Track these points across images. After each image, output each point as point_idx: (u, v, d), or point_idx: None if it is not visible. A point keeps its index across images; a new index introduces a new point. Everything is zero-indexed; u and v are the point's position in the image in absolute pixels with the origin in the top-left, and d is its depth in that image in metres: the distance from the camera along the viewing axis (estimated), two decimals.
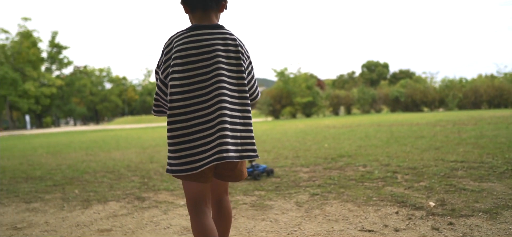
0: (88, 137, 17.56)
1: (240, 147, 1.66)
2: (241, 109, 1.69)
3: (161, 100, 1.74)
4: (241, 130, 1.68)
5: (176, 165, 1.63)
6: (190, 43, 1.65)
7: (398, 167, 4.61)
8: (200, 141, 1.61)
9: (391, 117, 20.87)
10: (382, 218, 2.73)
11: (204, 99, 1.62)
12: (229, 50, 1.67)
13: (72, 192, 4.23)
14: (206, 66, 1.63)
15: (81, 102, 71.92)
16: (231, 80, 1.67)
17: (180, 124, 1.62)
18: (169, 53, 1.67)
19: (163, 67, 1.68)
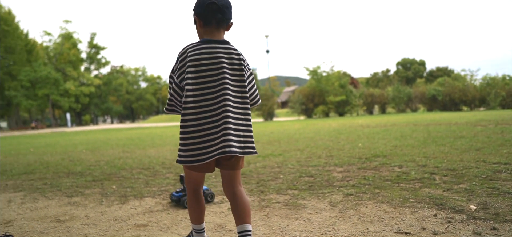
0: (124, 134, 18.09)
1: (243, 144, 1.99)
2: (243, 113, 2.02)
3: (175, 101, 2.04)
4: (243, 130, 2.01)
5: (186, 157, 1.97)
6: (202, 54, 1.98)
7: (436, 168, 4.46)
8: (207, 137, 1.94)
9: (428, 116, 20.23)
10: (420, 220, 2.65)
11: (212, 102, 1.95)
12: (233, 63, 2.02)
13: (110, 188, 4.37)
14: (214, 75, 1.97)
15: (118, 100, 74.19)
16: (235, 88, 2.00)
17: (191, 122, 1.95)
18: (183, 61, 1.99)
19: (178, 73, 2.00)
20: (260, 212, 3.07)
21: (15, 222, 3.17)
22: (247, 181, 4.35)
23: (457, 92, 32.82)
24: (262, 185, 4.06)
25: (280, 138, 10.34)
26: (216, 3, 1.99)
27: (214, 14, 2.00)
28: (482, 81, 33.57)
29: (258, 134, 12.38)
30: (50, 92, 50.43)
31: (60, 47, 56.84)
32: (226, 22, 2.05)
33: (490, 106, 30.84)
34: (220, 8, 2.00)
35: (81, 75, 58.72)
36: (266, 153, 6.79)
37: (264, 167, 5.28)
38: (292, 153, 6.70)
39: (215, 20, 2.01)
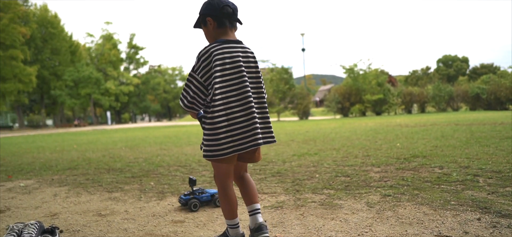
0: (161, 132, 18.54)
1: (264, 135, 2.21)
2: (262, 106, 2.24)
3: (197, 98, 2.16)
4: (263, 122, 2.22)
5: (217, 150, 2.11)
6: (225, 54, 2.13)
7: (480, 169, 4.27)
8: (238, 131, 2.11)
9: (471, 116, 19.40)
10: (462, 224, 2.54)
11: (237, 98, 2.12)
12: (249, 61, 2.22)
13: (148, 184, 4.49)
14: (236, 73, 2.14)
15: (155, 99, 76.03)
16: (253, 84, 2.21)
17: (221, 118, 2.09)
18: (207, 60, 2.12)
19: (203, 72, 2.13)
20: (296, 211, 3.05)
21: (60, 214, 3.32)
22: (282, 179, 4.34)
23: (504, 90, 31.25)
24: (298, 184, 4.04)
25: (315, 137, 10.25)
26: (229, 6, 2.19)
27: (229, 16, 2.19)
28: None
29: (293, 133, 12.33)
30: (91, 92, 52.46)
31: (101, 48, 59.01)
32: (237, 23, 2.26)
33: None
34: (233, 11, 2.20)
35: (120, 75, 60.69)
36: (301, 152, 6.75)
37: (300, 166, 5.25)
38: (328, 152, 6.62)
39: (229, 22, 2.20)
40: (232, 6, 2.20)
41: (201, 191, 3.39)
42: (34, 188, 4.67)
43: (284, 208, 3.18)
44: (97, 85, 53.13)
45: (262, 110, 2.24)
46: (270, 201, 3.43)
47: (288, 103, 35.34)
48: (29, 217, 3.30)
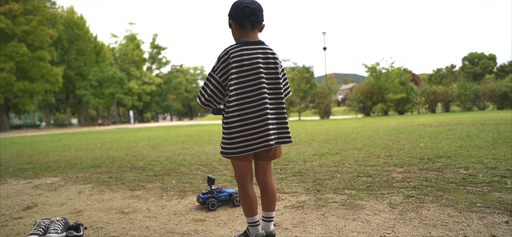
0: (183, 131, 18.73)
1: (278, 134, 2.25)
2: (278, 107, 2.25)
3: (214, 97, 2.24)
4: (279, 122, 2.25)
5: (231, 149, 2.19)
6: (243, 55, 2.18)
7: (508, 171, 4.14)
8: (251, 131, 2.16)
9: (498, 115, 18.83)
10: (489, 227, 2.47)
11: (252, 99, 2.17)
12: (269, 61, 2.24)
13: (170, 183, 4.54)
14: (253, 74, 2.18)
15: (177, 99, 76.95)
16: (270, 84, 2.23)
17: (235, 118, 2.16)
18: (226, 61, 2.19)
19: (221, 73, 2.20)
20: (317, 212, 3.03)
21: (84, 212, 3.40)
22: (303, 179, 4.32)
23: None
24: (319, 184, 4.01)
25: (337, 136, 10.15)
26: (249, 6, 2.20)
27: (248, 17, 2.21)
28: None
29: (314, 132, 12.25)
30: (115, 91, 53.49)
31: (124, 48, 60.11)
32: (259, 24, 2.26)
33: None
34: (253, 11, 2.21)
35: (143, 75, 61.65)
36: (322, 152, 6.70)
37: (321, 165, 5.21)
38: (349, 152, 6.55)
39: (249, 23, 2.23)
40: (252, 6, 2.21)
41: (219, 190, 3.40)
42: (59, 185, 4.80)
43: (305, 208, 3.16)
44: (120, 85, 54.13)
45: (279, 110, 2.26)
46: (291, 200, 3.42)
47: (309, 102, 35.10)
48: (55, 214, 3.39)
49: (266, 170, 2.37)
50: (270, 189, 2.37)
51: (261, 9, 2.26)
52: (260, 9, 2.25)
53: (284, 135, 2.27)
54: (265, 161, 2.34)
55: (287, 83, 2.38)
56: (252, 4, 2.22)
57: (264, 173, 2.37)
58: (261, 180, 2.38)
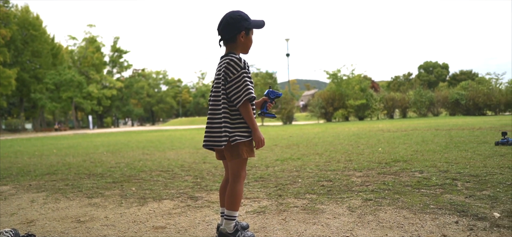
0: (144, 136, 18.34)
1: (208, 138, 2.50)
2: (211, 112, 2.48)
3: None
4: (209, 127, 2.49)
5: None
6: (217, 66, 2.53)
7: (458, 173, 4.35)
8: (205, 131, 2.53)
9: (451, 121, 19.78)
10: (440, 227, 2.59)
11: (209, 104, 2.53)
12: (220, 69, 2.45)
13: (129, 189, 4.43)
14: (214, 83, 2.53)
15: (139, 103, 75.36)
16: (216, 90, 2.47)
17: None
18: None
19: None
20: (278, 216, 3.05)
21: (37, 221, 3.24)
22: (265, 184, 4.34)
23: (481, 96, 32.02)
24: (280, 189, 4.05)
25: (299, 141, 10.29)
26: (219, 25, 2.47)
27: (218, 34, 2.48)
28: (508, 85, 32.65)
29: (277, 137, 12.36)
30: (73, 95, 51.62)
31: (84, 51, 58.22)
32: (224, 39, 2.48)
33: None
34: (218, 30, 2.47)
35: (103, 78, 59.98)
36: (284, 157, 6.77)
37: (283, 170, 5.26)
38: (311, 157, 6.66)
39: (220, 39, 2.49)
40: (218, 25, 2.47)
41: None
42: (10, 194, 4.56)
43: (266, 213, 3.17)
44: (79, 88, 52.31)
45: (213, 116, 2.47)
46: (252, 206, 3.42)
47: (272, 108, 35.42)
48: (4, 225, 3.21)
49: (229, 169, 2.52)
50: (228, 187, 2.52)
51: (220, 25, 2.45)
52: (219, 26, 2.46)
53: (213, 139, 2.46)
54: (225, 160, 2.56)
55: (234, 91, 2.38)
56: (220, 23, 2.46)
57: (228, 171, 2.58)
58: (227, 178, 2.61)
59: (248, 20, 2.47)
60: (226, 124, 2.40)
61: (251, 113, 2.39)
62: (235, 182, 2.48)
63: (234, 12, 2.46)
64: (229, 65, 2.39)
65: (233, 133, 2.39)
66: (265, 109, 2.70)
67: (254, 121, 2.41)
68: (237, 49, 2.48)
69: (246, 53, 2.53)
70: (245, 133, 2.42)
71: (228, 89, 2.39)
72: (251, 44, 2.53)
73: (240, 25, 2.43)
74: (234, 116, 2.41)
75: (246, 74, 2.39)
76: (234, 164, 2.47)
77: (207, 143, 2.49)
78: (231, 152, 2.44)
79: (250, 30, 2.50)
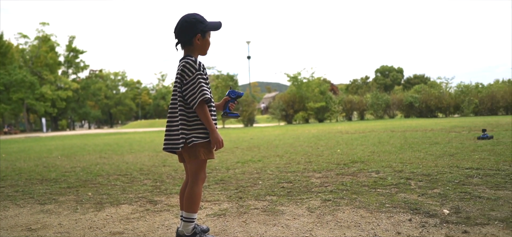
0: (102, 140, 17.78)
1: (166, 140, 2.50)
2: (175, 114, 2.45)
3: None
4: (167, 130, 2.49)
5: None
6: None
7: (412, 173, 4.55)
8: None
9: (405, 123, 20.62)
10: (395, 225, 2.69)
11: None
12: (177, 71, 2.46)
13: (85, 195, 4.28)
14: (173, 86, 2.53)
15: (96, 105, 72.91)
16: (174, 93, 2.47)
17: None
18: None
19: None
20: (239, 219, 3.05)
21: None
22: (225, 187, 4.33)
23: (433, 99, 33.58)
24: (241, 191, 4.05)
25: (259, 144, 10.35)
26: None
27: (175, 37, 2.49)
28: (457, 89, 34.47)
29: (238, 140, 12.36)
30: (25, 97, 49.14)
31: (36, 50, 55.53)
32: (181, 42, 2.49)
33: (464, 113, 31.69)
34: (174, 33, 2.48)
35: (58, 79, 57.50)
36: (245, 159, 6.78)
37: (243, 173, 5.27)
38: (271, 159, 6.71)
39: (177, 42, 2.50)
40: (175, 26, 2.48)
41: None
42: None
43: (226, 215, 3.17)
44: (31, 89, 49.85)
45: (171, 118, 2.48)
46: (213, 209, 3.40)
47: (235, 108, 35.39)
48: None
49: (189, 171, 2.53)
50: (186, 190, 2.52)
51: (176, 29, 2.46)
52: (175, 29, 2.47)
53: (172, 141, 2.46)
54: (186, 163, 2.56)
55: (190, 93, 2.38)
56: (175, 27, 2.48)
57: (188, 173, 2.57)
58: (187, 180, 2.60)
59: (204, 23, 2.46)
60: (183, 125, 2.41)
61: (208, 115, 2.38)
62: (193, 184, 2.48)
63: (189, 15, 2.46)
64: (184, 68, 2.41)
65: (190, 135, 2.40)
66: (227, 110, 2.70)
67: (211, 122, 2.40)
68: (195, 52, 2.49)
69: (204, 55, 2.54)
70: (202, 134, 2.42)
71: (184, 92, 2.41)
72: (208, 46, 2.53)
73: (195, 28, 2.43)
74: (191, 118, 2.42)
75: (201, 76, 2.39)
76: (193, 166, 2.47)
77: (167, 145, 2.50)
78: (189, 153, 2.44)
79: (207, 33, 2.50)
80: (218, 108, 2.69)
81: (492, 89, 33.38)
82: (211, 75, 36.66)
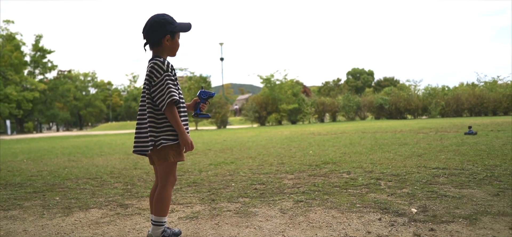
0: (71, 142, 17.29)
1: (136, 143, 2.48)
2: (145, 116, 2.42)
3: None
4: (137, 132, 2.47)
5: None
6: None
7: (382, 173, 4.65)
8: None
9: (376, 124, 21.09)
10: (365, 224, 2.75)
11: None
12: (146, 73, 2.43)
13: (52, 199, 4.15)
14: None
15: (65, 107, 70.83)
16: (144, 94, 2.44)
17: None
18: None
19: None
20: (211, 221, 3.04)
21: None
22: (198, 189, 4.30)
23: (402, 101, 34.50)
24: (214, 193, 4.03)
25: (232, 145, 10.34)
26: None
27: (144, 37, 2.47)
28: (424, 91, 35.55)
29: (210, 142, 12.30)
30: None
31: (0, 49, 53.44)
32: (149, 43, 2.45)
33: (431, 115, 32.71)
34: (143, 33, 2.45)
35: (24, 80, 55.47)
36: (218, 161, 6.76)
37: (216, 175, 5.25)
38: (244, 160, 6.72)
39: (145, 43, 2.47)
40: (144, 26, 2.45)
41: None
42: None
43: (199, 218, 3.15)
44: None
45: (140, 120, 2.47)
46: (185, 212, 3.37)
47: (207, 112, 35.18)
48: None
49: (159, 173, 2.51)
50: (155, 193, 2.50)
51: (144, 29, 2.43)
52: (144, 30, 2.43)
53: (141, 144, 2.45)
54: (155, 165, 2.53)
55: (159, 94, 2.36)
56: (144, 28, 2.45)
57: (158, 179, 2.53)
58: (156, 184, 2.56)
59: (173, 24, 2.43)
60: (152, 128, 2.39)
61: (177, 117, 2.36)
62: (163, 187, 2.47)
63: (158, 15, 2.43)
64: (152, 69, 2.39)
65: (159, 137, 2.38)
66: (198, 111, 2.68)
67: (180, 124, 2.37)
68: (164, 53, 2.47)
69: (173, 56, 2.51)
70: (171, 136, 2.39)
71: (152, 93, 2.39)
72: (178, 47, 2.50)
73: (165, 28, 2.40)
74: (160, 120, 2.40)
75: (169, 77, 2.36)
76: (162, 168, 2.46)
77: (136, 148, 2.48)
78: (158, 156, 2.42)
79: (176, 34, 2.47)
80: (189, 109, 2.67)
81: (457, 92, 34.61)
82: (184, 77, 36.32)
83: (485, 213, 2.82)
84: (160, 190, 2.46)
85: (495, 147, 6.69)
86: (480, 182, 3.88)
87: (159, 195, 2.46)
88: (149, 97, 2.40)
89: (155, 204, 2.47)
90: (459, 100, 32.47)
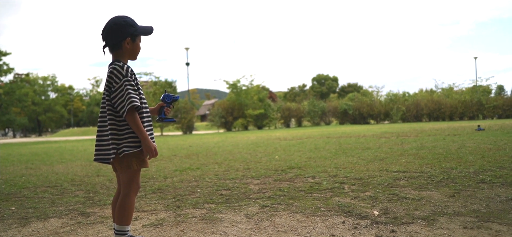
0: (28, 149, 16.55)
1: (97, 151, 2.40)
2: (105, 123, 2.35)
3: None
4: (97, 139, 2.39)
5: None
6: None
7: (345, 177, 4.76)
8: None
9: (340, 129, 21.54)
10: (329, 228, 2.80)
11: None
12: (106, 78, 2.34)
13: (8, 209, 3.96)
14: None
15: (22, 112, 67.79)
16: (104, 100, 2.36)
17: None
18: None
19: None
20: (176, 228, 3.00)
21: None
22: (163, 196, 4.24)
23: (365, 107, 35.49)
24: (179, 200, 3.98)
25: (198, 151, 10.25)
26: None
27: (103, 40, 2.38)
28: (386, 97, 36.74)
29: (176, 147, 12.14)
30: None
31: None
32: (108, 45, 2.38)
33: (393, 120, 33.80)
34: (102, 35, 2.37)
35: None
36: (183, 167, 6.68)
37: (182, 181, 5.19)
38: (210, 166, 6.68)
39: (104, 45, 2.39)
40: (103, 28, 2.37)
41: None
42: None
43: (164, 225, 3.10)
44: None
45: (100, 127, 2.39)
46: (149, 219, 3.31)
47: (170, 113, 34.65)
48: None
49: (122, 181, 2.44)
50: (118, 202, 2.43)
51: (104, 31, 2.35)
52: (103, 32, 2.35)
53: (103, 152, 2.37)
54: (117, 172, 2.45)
55: (119, 100, 2.29)
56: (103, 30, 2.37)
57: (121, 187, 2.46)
58: (119, 191, 2.48)
59: (134, 26, 2.37)
60: (113, 135, 2.32)
61: (139, 123, 2.28)
62: (125, 195, 2.40)
63: (119, 17, 2.36)
64: (112, 74, 2.31)
65: (121, 144, 2.31)
66: (163, 115, 2.64)
67: (143, 130, 2.29)
68: (124, 56, 2.39)
69: (134, 59, 2.45)
70: (133, 143, 2.32)
71: (113, 100, 2.31)
72: (139, 50, 2.44)
73: (125, 31, 2.33)
74: (122, 127, 2.32)
75: (128, 82, 2.28)
76: (125, 176, 2.39)
77: (97, 156, 2.39)
78: (120, 164, 2.35)
79: (137, 37, 2.41)
80: (154, 113, 2.60)
81: (416, 98, 36.02)
82: (149, 81, 35.68)
83: (442, 214, 2.95)
84: (123, 198, 2.40)
85: (452, 150, 7.01)
86: (437, 184, 4.05)
87: (122, 203, 2.39)
88: (110, 104, 2.32)
89: (118, 212, 2.40)
90: (419, 106, 33.77)
